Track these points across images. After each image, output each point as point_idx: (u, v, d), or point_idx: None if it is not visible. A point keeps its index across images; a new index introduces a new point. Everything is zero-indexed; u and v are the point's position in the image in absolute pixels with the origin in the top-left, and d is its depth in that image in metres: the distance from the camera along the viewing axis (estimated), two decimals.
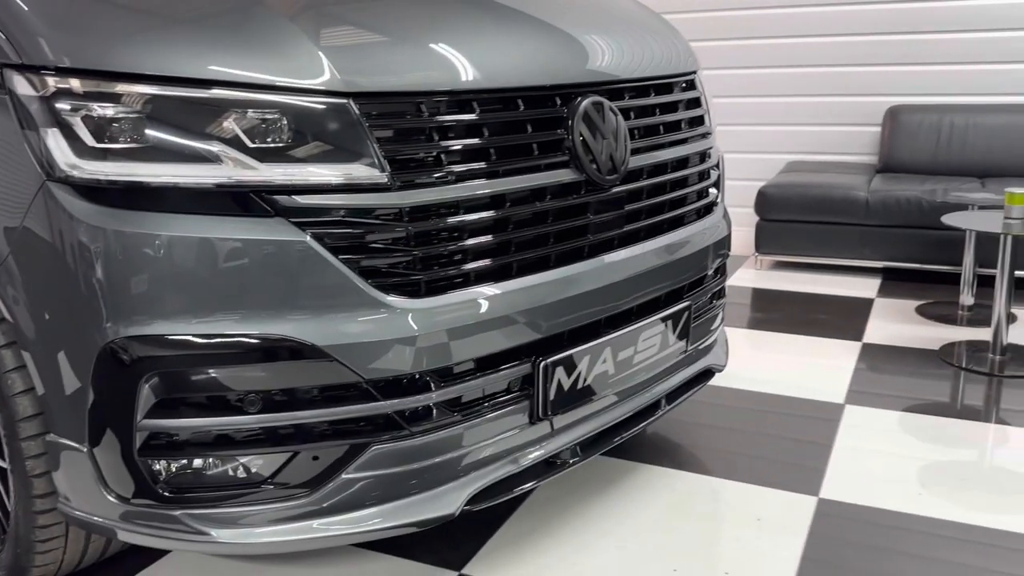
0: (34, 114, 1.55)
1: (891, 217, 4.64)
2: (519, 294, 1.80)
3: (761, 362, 3.51)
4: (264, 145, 1.57)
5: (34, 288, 1.64)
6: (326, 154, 1.60)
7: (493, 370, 1.80)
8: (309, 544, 1.69)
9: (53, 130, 1.54)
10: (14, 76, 1.57)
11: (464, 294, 1.73)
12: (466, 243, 1.73)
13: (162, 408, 1.58)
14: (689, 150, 2.30)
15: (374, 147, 1.63)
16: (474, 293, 1.74)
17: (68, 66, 1.54)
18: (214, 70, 1.56)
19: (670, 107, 2.28)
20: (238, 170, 1.55)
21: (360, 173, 1.61)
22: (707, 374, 2.51)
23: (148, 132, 1.53)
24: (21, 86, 1.56)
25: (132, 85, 1.53)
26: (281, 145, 1.58)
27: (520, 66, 1.87)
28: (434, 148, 1.70)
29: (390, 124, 1.66)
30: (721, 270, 2.51)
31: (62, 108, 1.53)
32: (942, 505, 2.37)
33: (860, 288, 4.63)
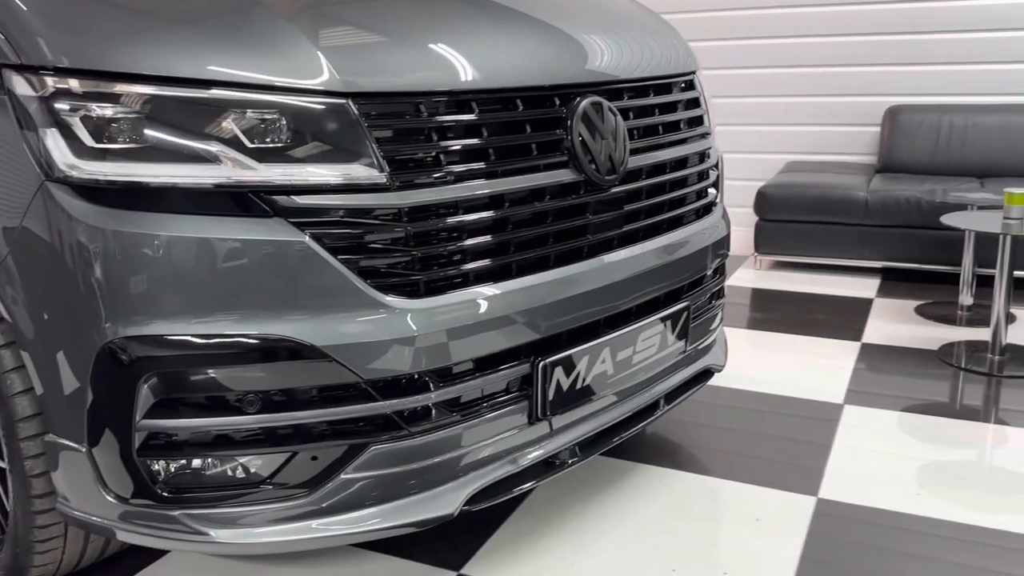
0: (33, 114, 1.55)
1: (890, 217, 4.64)
2: (518, 294, 1.80)
3: (760, 362, 3.51)
4: (263, 145, 1.57)
5: (33, 288, 1.64)
6: (325, 154, 1.60)
7: (492, 370, 1.80)
8: (308, 544, 1.69)
9: (52, 130, 1.54)
10: (13, 76, 1.57)
11: (463, 294, 1.73)
12: (465, 243, 1.73)
13: (161, 408, 1.58)
14: (688, 150, 2.30)
15: (373, 147, 1.63)
16: (473, 293, 1.74)
17: (67, 66, 1.54)
18: (213, 70, 1.56)
19: (669, 107, 2.28)
20: (237, 170, 1.55)
21: (359, 173, 1.61)
22: (706, 374, 2.51)
23: (147, 132, 1.53)
24: (20, 86, 1.56)
25: (131, 85, 1.53)
26: (280, 145, 1.58)
27: (519, 66, 1.87)
28: (433, 148, 1.70)
29: (389, 124, 1.66)
30: (720, 270, 2.51)
31: (61, 108, 1.53)
32: (941, 505, 2.37)
33: (859, 288, 4.63)
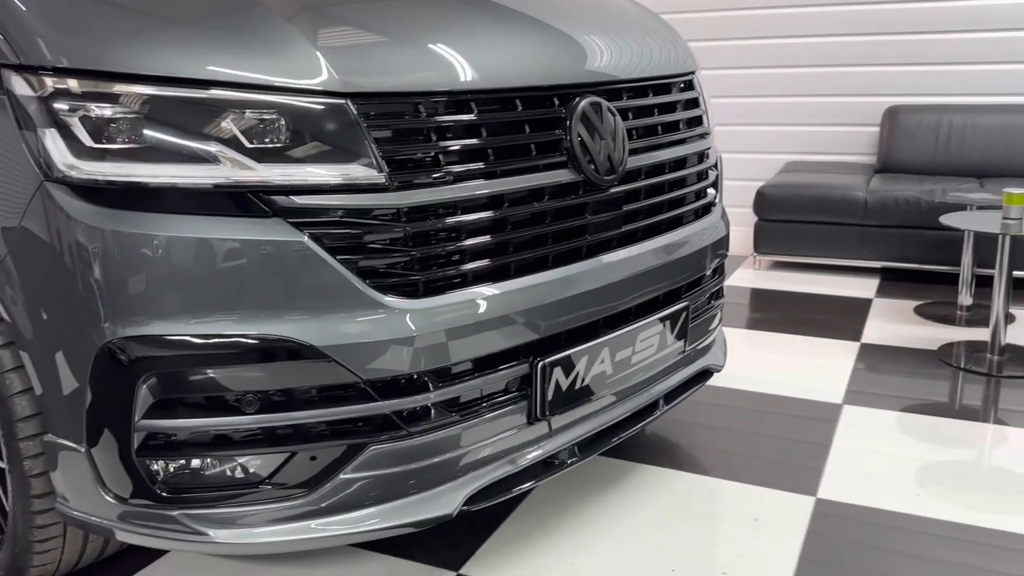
0: (32, 114, 1.55)
1: (889, 217, 4.64)
2: (517, 294, 1.80)
3: (759, 362, 3.51)
4: (262, 145, 1.57)
5: (32, 288, 1.64)
6: (324, 154, 1.60)
7: (491, 370, 1.80)
8: (307, 544, 1.69)
9: (51, 130, 1.54)
10: (12, 76, 1.57)
11: (462, 294, 1.73)
12: (464, 243, 1.73)
13: (160, 408, 1.58)
14: (687, 150, 2.30)
15: (372, 147, 1.63)
16: (472, 293, 1.74)
17: (66, 66, 1.54)
18: (212, 70, 1.56)
19: (668, 107, 2.28)
20: (236, 170, 1.55)
21: (358, 173, 1.61)
22: (705, 374, 2.51)
23: (146, 132, 1.53)
24: (19, 86, 1.56)
25: (130, 85, 1.53)
26: (279, 145, 1.58)
27: (518, 66, 1.87)
28: (432, 148, 1.70)
29: (388, 124, 1.66)
30: (719, 270, 2.51)
31: (60, 108, 1.53)
32: (940, 505, 2.37)
33: (858, 288, 4.63)
